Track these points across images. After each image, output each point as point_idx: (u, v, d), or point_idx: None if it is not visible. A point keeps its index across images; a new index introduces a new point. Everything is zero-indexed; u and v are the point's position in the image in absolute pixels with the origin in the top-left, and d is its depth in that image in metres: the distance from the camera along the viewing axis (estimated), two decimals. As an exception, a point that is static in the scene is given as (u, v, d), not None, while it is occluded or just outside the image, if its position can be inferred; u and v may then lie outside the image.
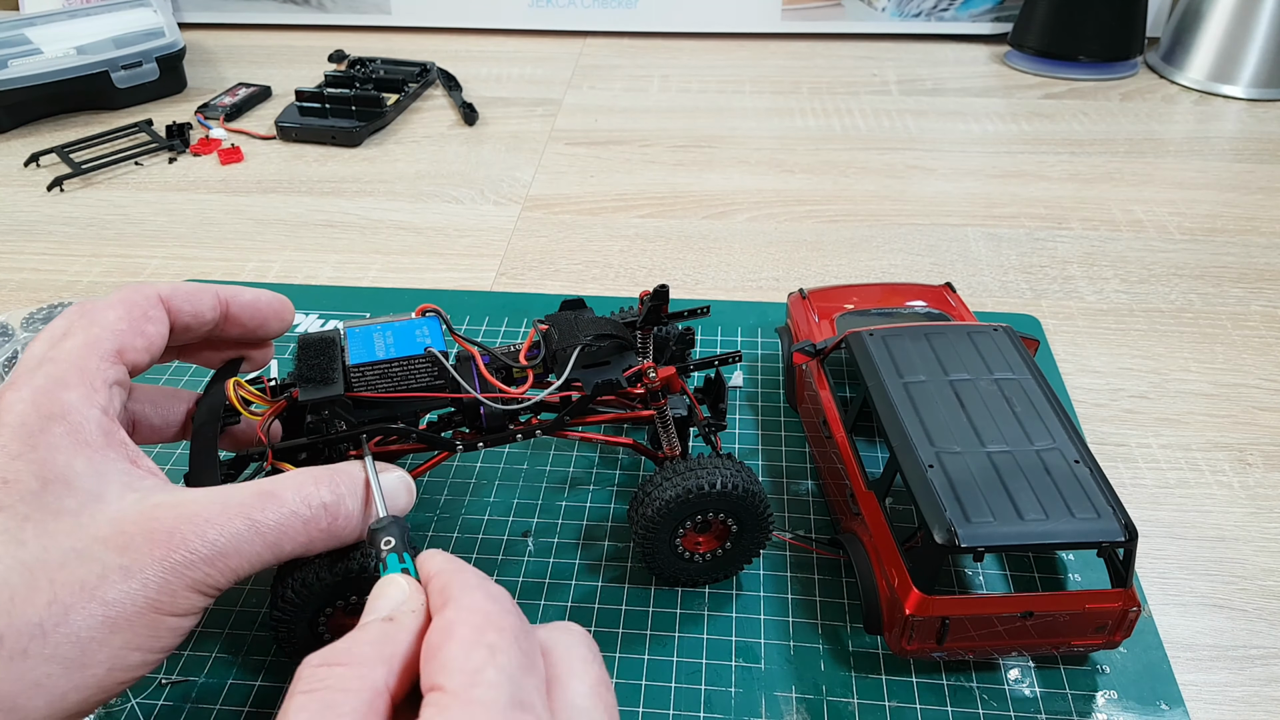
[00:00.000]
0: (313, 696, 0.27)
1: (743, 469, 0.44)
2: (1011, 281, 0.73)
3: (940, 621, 0.40)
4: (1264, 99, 1.06)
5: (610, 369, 0.45)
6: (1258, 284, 0.73)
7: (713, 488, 0.42)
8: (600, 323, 0.46)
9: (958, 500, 0.40)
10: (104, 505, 0.32)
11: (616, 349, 0.45)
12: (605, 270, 0.75)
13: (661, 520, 0.43)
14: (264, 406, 0.41)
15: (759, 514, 0.44)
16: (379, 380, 0.41)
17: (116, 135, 0.97)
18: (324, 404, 0.39)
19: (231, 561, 0.32)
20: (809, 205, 0.85)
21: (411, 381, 0.41)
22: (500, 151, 0.96)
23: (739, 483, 0.43)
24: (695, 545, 0.46)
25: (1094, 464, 0.42)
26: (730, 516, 0.44)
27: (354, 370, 0.40)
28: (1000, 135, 0.99)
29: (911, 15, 1.24)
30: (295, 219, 0.83)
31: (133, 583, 0.30)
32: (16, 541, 0.30)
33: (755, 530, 0.45)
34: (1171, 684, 0.43)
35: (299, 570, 0.38)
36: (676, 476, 0.43)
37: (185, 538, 0.31)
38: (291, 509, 0.33)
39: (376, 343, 0.41)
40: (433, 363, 0.41)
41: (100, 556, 0.30)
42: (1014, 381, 0.47)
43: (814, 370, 0.53)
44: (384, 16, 1.28)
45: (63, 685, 0.29)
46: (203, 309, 0.40)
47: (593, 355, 0.44)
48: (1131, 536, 0.39)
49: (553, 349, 0.44)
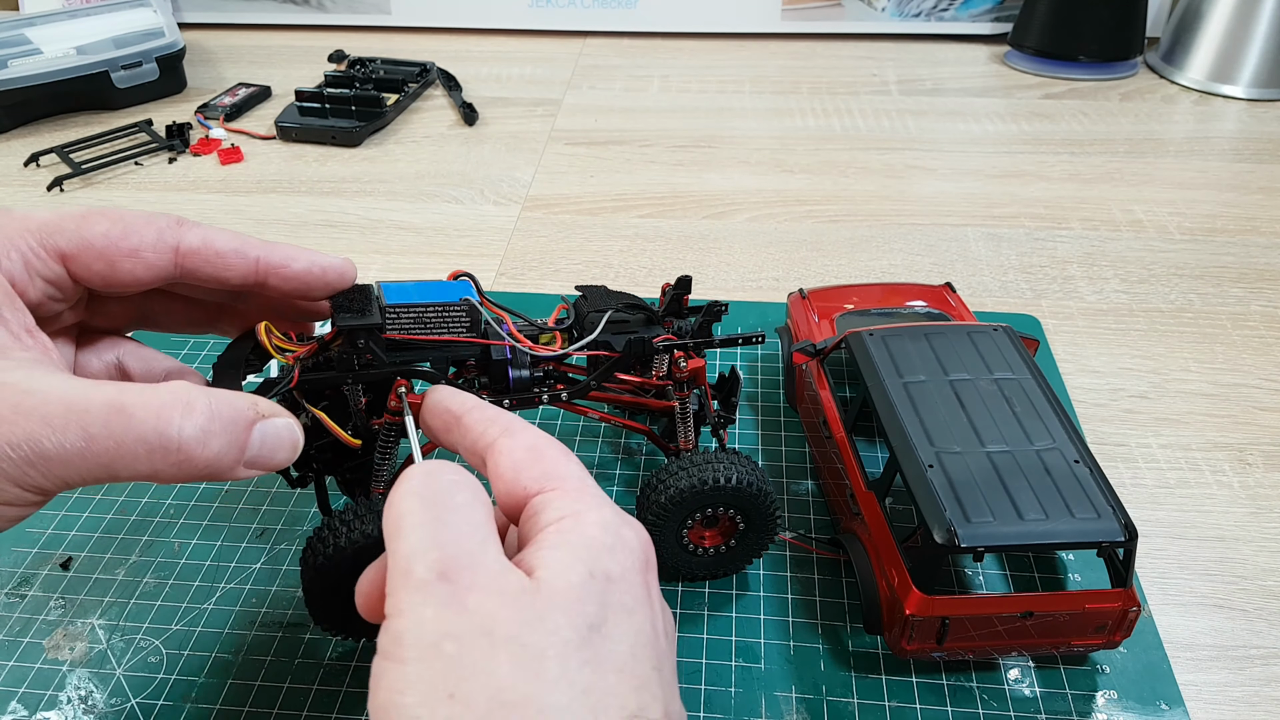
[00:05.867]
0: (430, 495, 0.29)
1: (756, 467, 0.44)
2: (1011, 281, 0.73)
3: (940, 621, 0.40)
4: (1264, 99, 1.06)
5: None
6: (1258, 284, 0.73)
7: (728, 482, 0.43)
8: (629, 297, 0.46)
9: (958, 500, 0.40)
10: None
11: (644, 322, 0.46)
12: (605, 270, 0.75)
13: (672, 509, 0.43)
14: (293, 349, 0.39)
15: (767, 513, 0.45)
16: (413, 324, 0.40)
17: (116, 135, 0.97)
18: (360, 331, 0.38)
19: (56, 469, 0.28)
20: (809, 205, 0.85)
21: (444, 329, 0.41)
22: (500, 151, 0.96)
23: (752, 480, 0.43)
24: (701, 539, 0.46)
25: (1094, 464, 0.42)
26: (739, 513, 0.45)
27: (390, 310, 0.39)
28: (1000, 135, 0.99)
29: (911, 15, 1.24)
30: (295, 219, 0.83)
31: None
32: None
33: (761, 529, 0.45)
34: (1171, 684, 0.43)
35: (340, 531, 0.38)
36: (692, 467, 0.43)
37: (11, 431, 0.28)
38: (139, 434, 0.29)
39: (412, 293, 0.41)
40: (468, 311, 0.41)
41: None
42: (1014, 381, 0.47)
43: (814, 370, 0.53)
44: (384, 16, 1.28)
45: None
46: (228, 278, 0.35)
47: (622, 324, 0.45)
48: (1131, 536, 0.39)
49: (584, 314, 0.44)
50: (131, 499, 0.53)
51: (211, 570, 0.49)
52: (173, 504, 0.52)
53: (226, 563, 0.49)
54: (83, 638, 0.45)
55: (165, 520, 0.52)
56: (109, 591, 0.48)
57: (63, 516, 0.52)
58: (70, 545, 0.50)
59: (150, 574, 0.49)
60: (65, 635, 0.45)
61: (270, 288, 0.36)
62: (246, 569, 0.49)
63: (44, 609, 0.47)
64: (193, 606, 0.47)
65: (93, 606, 0.47)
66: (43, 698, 0.42)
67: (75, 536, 0.51)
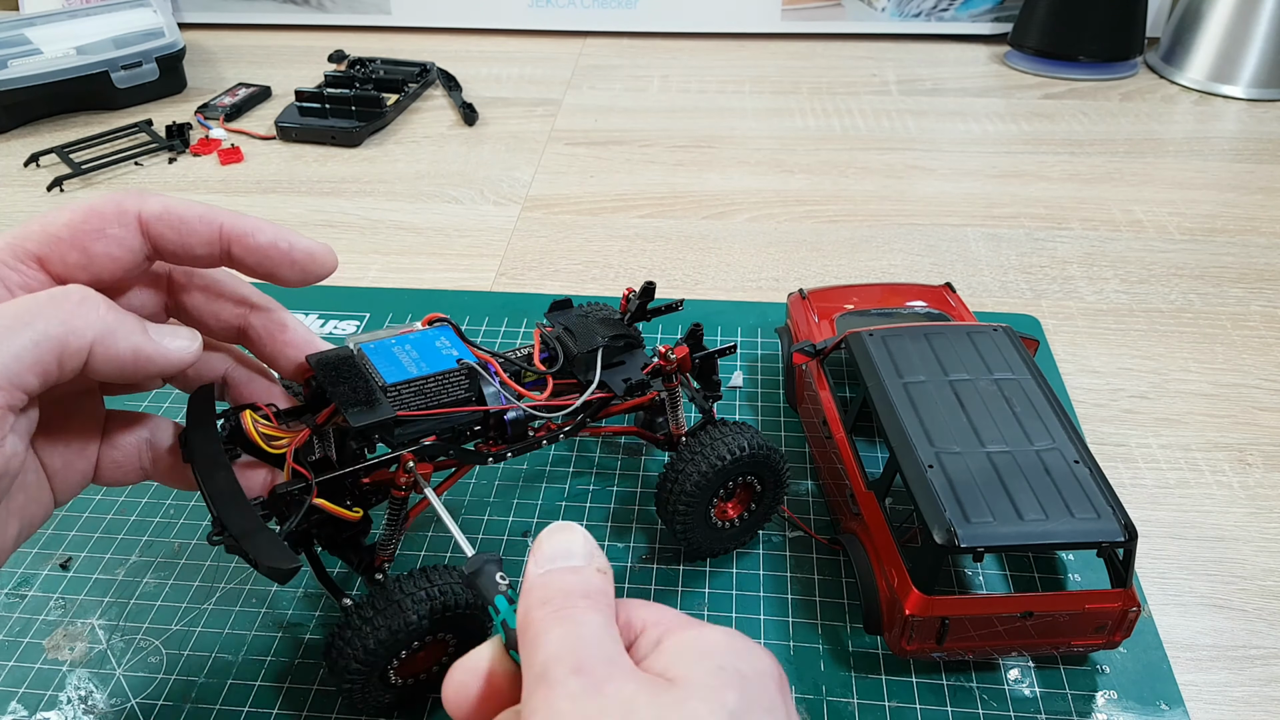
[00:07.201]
0: (565, 614, 0.27)
1: (755, 431, 0.46)
2: (1011, 281, 0.73)
3: (940, 622, 0.40)
4: (1264, 99, 1.06)
5: (627, 368, 0.46)
6: (1258, 284, 0.73)
7: (742, 451, 0.44)
8: (609, 322, 0.47)
9: (957, 500, 0.40)
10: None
11: (627, 348, 0.46)
12: (605, 270, 0.75)
13: (700, 493, 0.44)
14: (284, 439, 0.37)
15: (778, 469, 0.46)
16: (414, 398, 0.39)
17: (116, 135, 0.97)
18: (377, 428, 0.37)
19: None
20: (809, 205, 0.85)
21: (444, 396, 0.39)
22: (500, 151, 0.96)
23: (759, 442, 0.45)
24: (724, 513, 0.47)
25: (1094, 464, 0.42)
26: (755, 477, 0.46)
27: (390, 390, 0.38)
28: (1000, 135, 0.99)
29: (911, 15, 1.24)
30: (295, 219, 0.83)
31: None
32: None
33: (776, 487, 0.47)
34: (1171, 684, 0.43)
35: (376, 621, 0.37)
36: (705, 449, 0.44)
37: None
38: (53, 294, 0.30)
39: (401, 358, 0.39)
40: (467, 374, 0.40)
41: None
42: (1013, 382, 0.47)
43: (814, 370, 0.53)
44: (384, 16, 1.28)
45: None
46: (193, 242, 0.34)
47: (610, 355, 0.46)
48: (1131, 536, 0.39)
49: (574, 352, 0.45)
50: (131, 499, 0.53)
51: (211, 570, 0.49)
52: (173, 504, 0.52)
53: (226, 563, 0.49)
54: (83, 638, 0.45)
55: (165, 520, 0.52)
56: (109, 591, 0.48)
57: (63, 516, 0.52)
58: (70, 545, 0.50)
59: (150, 574, 0.49)
60: (65, 635, 0.45)
61: (235, 260, 0.34)
62: (246, 569, 0.49)
63: (44, 609, 0.47)
64: (193, 606, 0.47)
65: (93, 606, 0.47)
66: (43, 698, 0.42)
67: (75, 536, 0.51)
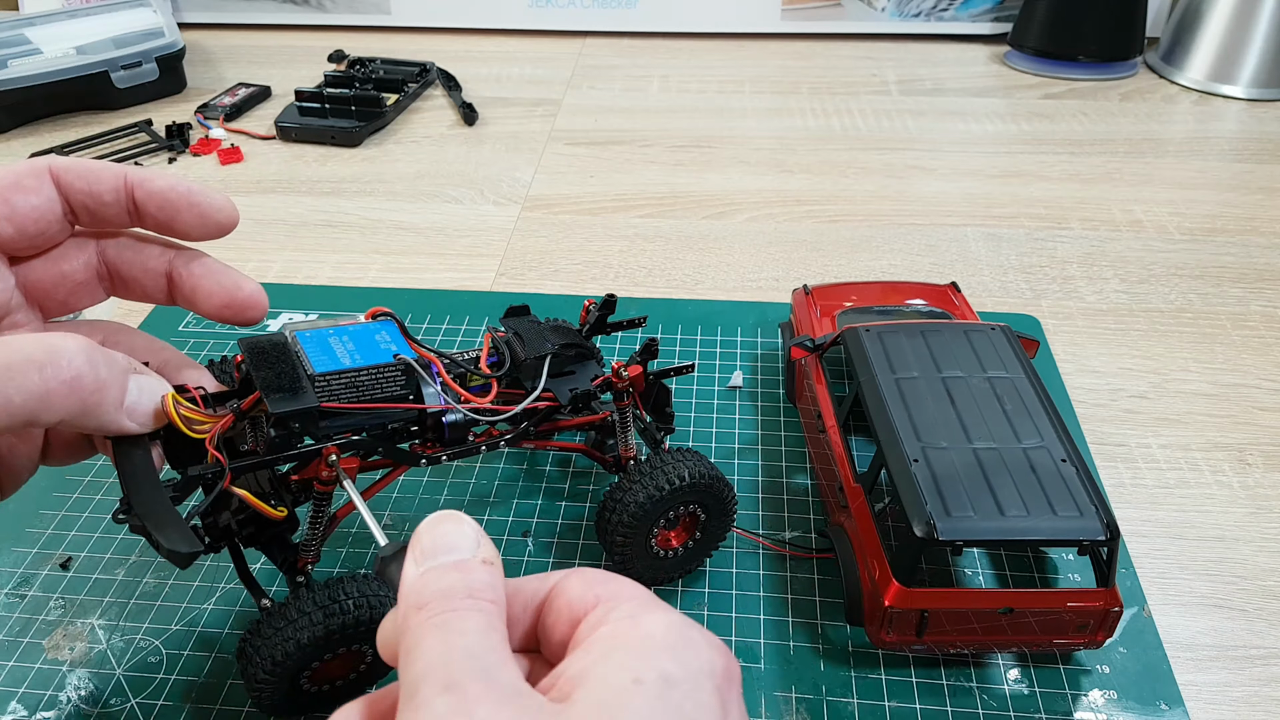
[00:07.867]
0: (441, 620, 0.24)
1: (701, 457, 0.44)
2: (1011, 281, 0.73)
3: (919, 614, 0.40)
4: (1264, 99, 1.06)
5: (577, 378, 0.45)
6: (1258, 284, 0.73)
7: (682, 481, 0.43)
8: (562, 331, 0.46)
9: (939, 494, 0.40)
10: None
11: (578, 358, 0.45)
12: (605, 270, 0.75)
13: (637, 524, 0.43)
14: (208, 424, 0.35)
15: (724, 500, 0.45)
16: (344, 390, 0.37)
17: (116, 135, 0.97)
18: (297, 417, 0.35)
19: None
20: (809, 205, 0.85)
21: (378, 391, 0.38)
22: (500, 151, 0.96)
23: (703, 470, 0.44)
24: (667, 542, 0.46)
25: (1081, 463, 0.42)
26: (698, 506, 0.45)
27: (319, 379, 0.36)
28: (1000, 135, 0.99)
29: (911, 15, 1.24)
30: (295, 219, 0.83)
31: None
32: None
33: (721, 515, 0.46)
34: (1171, 684, 0.43)
35: (285, 632, 0.36)
36: (643, 478, 0.43)
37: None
38: (27, 354, 0.30)
39: (336, 349, 0.38)
40: (404, 371, 0.38)
41: None
42: (1007, 380, 0.47)
43: (811, 365, 0.53)
44: (384, 16, 1.28)
45: None
46: (100, 189, 0.36)
47: (559, 364, 0.44)
48: (1113, 535, 0.39)
49: (521, 357, 0.43)
50: (131, 499, 0.53)
51: (211, 570, 0.49)
52: (172, 504, 0.52)
53: (226, 563, 0.49)
54: (83, 638, 0.45)
55: (165, 520, 0.52)
56: (109, 591, 0.48)
57: (63, 516, 0.52)
58: (70, 545, 0.50)
59: (150, 574, 0.49)
60: (65, 635, 0.45)
61: (139, 207, 0.37)
62: (246, 569, 0.49)
63: (44, 609, 0.47)
64: (193, 606, 0.47)
65: (93, 606, 0.47)
66: (43, 698, 0.42)
67: (75, 536, 0.51)
